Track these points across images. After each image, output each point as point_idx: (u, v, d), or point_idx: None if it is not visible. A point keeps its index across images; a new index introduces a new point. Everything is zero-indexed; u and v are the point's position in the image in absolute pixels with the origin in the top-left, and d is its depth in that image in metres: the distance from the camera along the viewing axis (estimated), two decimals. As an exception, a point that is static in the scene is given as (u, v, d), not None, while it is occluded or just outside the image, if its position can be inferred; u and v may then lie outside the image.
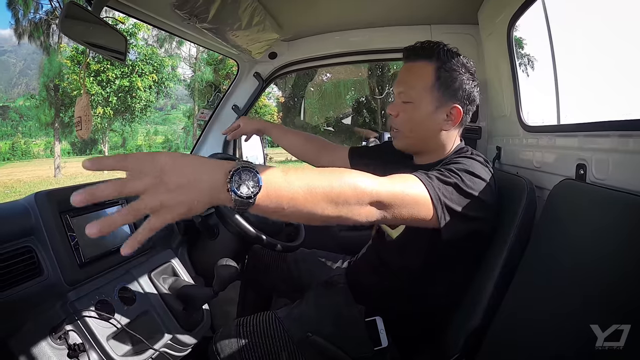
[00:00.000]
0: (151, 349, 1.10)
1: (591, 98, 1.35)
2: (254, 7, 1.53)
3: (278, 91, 26.85)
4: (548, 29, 1.34)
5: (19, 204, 1.06)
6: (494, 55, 1.66)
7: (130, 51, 20.60)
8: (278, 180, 0.68)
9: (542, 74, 1.49)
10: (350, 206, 0.75)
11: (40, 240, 1.03)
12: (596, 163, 0.97)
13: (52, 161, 23.27)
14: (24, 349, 0.92)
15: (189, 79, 28.20)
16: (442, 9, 1.79)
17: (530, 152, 1.37)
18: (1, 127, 66.72)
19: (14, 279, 0.94)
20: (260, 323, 1.21)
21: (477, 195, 0.95)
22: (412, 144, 1.18)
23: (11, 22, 22.02)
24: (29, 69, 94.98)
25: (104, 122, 21.61)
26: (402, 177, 0.90)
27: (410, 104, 1.12)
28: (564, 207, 0.96)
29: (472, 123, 1.87)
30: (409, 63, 1.16)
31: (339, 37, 2.04)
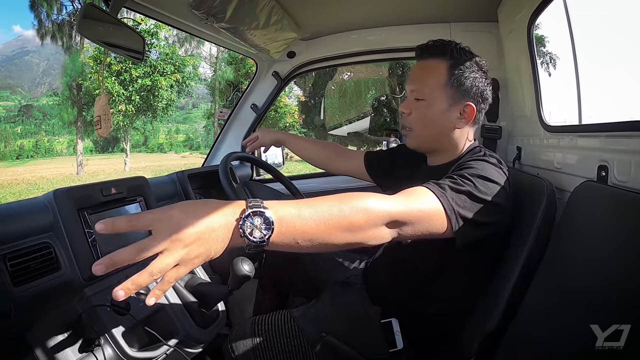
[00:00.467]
0: (165, 345, 1.11)
1: (616, 97, 1.32)
2: (272, 6, 1.54)
3: (298, 90, 26.99)
4: (569, 25, 1.32)
5: (38, 201, 1.08)
6: (514, 53, 1.64)
7: (151, 51, 21.05)
8: (290, 216, 0.69)
9: (565, 72, 1.46)
10: (364, 231, 0.76)
11: (59, 236, 1.05)
12: (618, 164, 0.95)
13: (74, 159, 23.95)
14: (41, 343, 0.94)
15: (209, 78, 28.60)
16: (461, 7, 1.78)
17: (551, 152, 1.35)
18: (25, 126, 68.97)
19: (32, 274, 0.95)
20: (275, 322, 1.21)
21: (491, 200, 0.93)
22: (425, 142, 1.18)
23: (34, 23, 22.73)
24: (52, 68, 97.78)
25: (126, 120, 22.02)
26: (415, 192, 0.89)
27: (424, 101, 1.12)
28: (584, 210, 0.94)
29: (492, 123, 1.87)
30: (422, 61, 1.16)
31: (357, 35, 2.05)
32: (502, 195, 0.96)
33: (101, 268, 0.58)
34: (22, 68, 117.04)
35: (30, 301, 0.94)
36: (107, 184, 1.20)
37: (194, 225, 0.61)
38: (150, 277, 0.59)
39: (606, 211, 0.87)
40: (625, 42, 1.24)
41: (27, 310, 0.94)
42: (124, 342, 1.03)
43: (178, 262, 0.61)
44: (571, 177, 1.17)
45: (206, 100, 37.52)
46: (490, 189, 0.94)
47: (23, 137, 64.57)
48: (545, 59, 1.57)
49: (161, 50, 21.94)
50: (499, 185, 0.96)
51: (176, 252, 0.60)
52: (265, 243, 0.66)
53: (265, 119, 2.34)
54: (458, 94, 1.09)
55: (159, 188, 1.50)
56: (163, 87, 21.40)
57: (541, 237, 1.00)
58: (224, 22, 1.42)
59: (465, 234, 0.90)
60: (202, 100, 44.43)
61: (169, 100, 22.12)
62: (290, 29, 1.79)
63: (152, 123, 24.42)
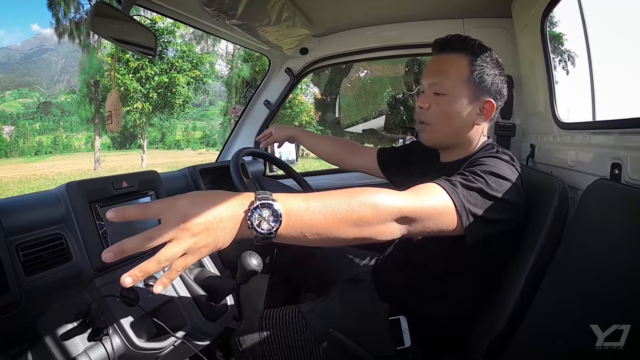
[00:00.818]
0: (173, 337, 1.13)
1: (634, 93, 1.28)
2: (283, 3, 1.54)
3: (315, 88, 26.98)
4: (582, 20, 1.29)
5: (51, 194, 1.11)
6: (528, 49, 1.62)
7: (168, 48, 21.28)
8: (298, 209, 0.69)
9: (580, 68, 1.43)
10: (372, 226, 0.75)
11: (70, 228, 1.08)
12: (631, 162, 0.93)
13: (92, 155, 24.37)
14: (50, 331, 0.97)
15: (226, 75, 28.79)
16: (475, 2, 1.75)
17: (564, 150, 1.33)
18: (43, 122, 70.55)
19: (44, 264, 0.98)
20: (283, 316, 1.22)
21: (502, 197, 0.92)
22: (443, 137, 1.16)
23: (52, 21, 23.13)
24: (70, 66, 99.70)
25: (143, 117, 22.31)
26: (425, 188, 0.88)
27: (445, 96, 1.10)
28: (597, 208, 0.92)
29: (505, 120, 1.85)
30: (443, 55, 1.13)
31: (370, 32, 2.04)
32: (514, 193, 0.95)
33: (110, 255, 0.60)
34: (40, 66, 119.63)
35: (42, 290, 0.96)
36: (118, 177, 1.22)
37: (202, 215, 0.62)
38: (158, 265, 0.60)
39: (619, 210, 0.85)
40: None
41: (38, 299, 0.96)
42: (132, 333, 1.05)
43: (185, 251, 0.61)
44: (584, 175, 1.15)
45: (223, 98, 37.77)
46: (502, 186, 0.93)
47: (41, 133, 66.11)
48: (563, 55, 1.54)
49: (178, 48, 22.18)
50: (510, 182, 0.95)
51: (184, 241, 0.61)
52: (272, 235, 0.66)
53: (278, 115, 2.35)
54: (479, 90, 1.08)
55: (170, 182, 1.52)
56: (180, 84, 21.65)
57: (553, 236, 0.99)
58: (235, 18, 1.43)
59: (476, 231, 0.89)
60: (218, 97, 44.80)
61: (185, 97, 22.36)
62: (302, 26, 1.79)
63: (169, 120, 24.70)
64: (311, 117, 27.08)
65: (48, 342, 0.96)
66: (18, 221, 0.98)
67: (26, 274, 0.94)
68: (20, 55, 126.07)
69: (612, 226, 0.84)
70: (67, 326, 0.99)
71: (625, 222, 0.80)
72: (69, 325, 1.00)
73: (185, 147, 53.08)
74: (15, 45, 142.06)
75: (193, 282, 1.30)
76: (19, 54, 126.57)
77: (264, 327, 1.20)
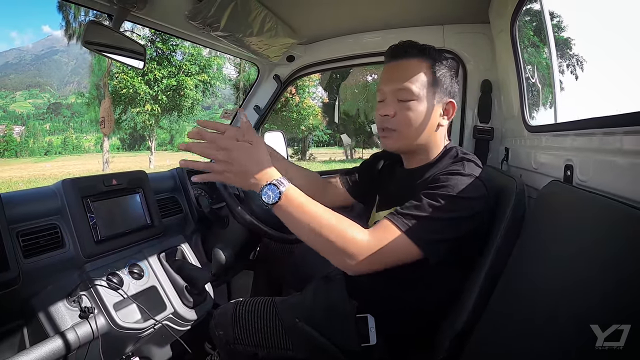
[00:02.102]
0: (152, 319, 1.25)
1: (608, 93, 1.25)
2: (264, 14, 1.64)
3: (323, 92, 27.01)
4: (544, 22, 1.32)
5: (49, 189, 1.26)
6: (503, 53, 1.64)
7: (177, 52, 21.42)
8: (295, 201, 0.96)
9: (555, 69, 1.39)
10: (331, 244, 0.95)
11: (64, 219, 1.22)
12: (580, 163, 0.95)
13: (101, 156, 24.50)
14: (44, 308, 1.10)
15: (234, 78, 28.90)
16: (454, 8, 1.78)
17: (531, 152, 1.35)
18: (54, 123, 71.06)
19: (40, 249, 1.13)
20: (256, 305, 1.30)
21: (464, 215, 0.98)
22: (410, 142, 1.15)
23: (62, 23, 23.43)
24: (80, 67, 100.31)
25: (152, 119, 22.44)
26: (381, 228, 0.98)
27: (412, 101, 1.11)
28: (548, 210, 0.95)
29: (484, 124, 1.89)
30: (402, 61, 1.14)
31: (353, 39, 2.10)
32: (476, 206, 1.00)
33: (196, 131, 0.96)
34: (51, 67, 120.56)
35: (37, 272, 1.10)
36: (109, 176, 1.36)
37: (243, 165, 0.95)
38: (213, 150, 0.95)
39: (567, 211, 0.87)
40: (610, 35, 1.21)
41: (34, 279, 1.10)
42: (115, 313, 1.17)
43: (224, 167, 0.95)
44: (544, 177, 1.17)
45: (231, 101, 37.87)
46: (464, 205, 0.98)
47: (51, 133, 66.72)
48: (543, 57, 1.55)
49: (186, 51, 22.32)
50: (470, 199, 0.99)
51: (224, 165, 0.95)
52: (269, 206, 0.95)
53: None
54: (441, 92, 1.12)
55: (158, 182, 1.64)
56: (188, 87, 21.74)
57: (509, 236, 1.01)
58: (219, 30, 1.52)
59: (438, 253, 0.97)
60: (228, 100, 44.88)
61: (194, 99, 22.43)
62: (285, 35, 1.87)
63: (178, 122, 24.77)
64: (319, 120, 27.11)
65: (41, 318, 1.09)
66: (19, 211, 1.12)
67: (24, 257, 1.08)
68: (31, 56, 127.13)
69: (562, 228, 0.86)
70: (58, 304, 1.12)
71: (574, 223, 0.83)
72: (60, 304, 1.12)
73: (195, 149, 53.03)
74: (26, 46, 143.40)
75: (174, 272, 1.42)
76: (30, 55, 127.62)
77: (238, 313, 1.28)
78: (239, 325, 1.26)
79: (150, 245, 1.44)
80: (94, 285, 1.18)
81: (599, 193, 0.82)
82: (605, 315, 0.59)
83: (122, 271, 1.27)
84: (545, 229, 0.92)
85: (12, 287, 1.01)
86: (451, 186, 0.99)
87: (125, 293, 1.22)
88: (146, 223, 1.44)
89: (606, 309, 0.61)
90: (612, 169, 0.82)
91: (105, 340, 1.13)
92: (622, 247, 0.64)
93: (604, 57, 1.29)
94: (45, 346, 1.00)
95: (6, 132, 60.88)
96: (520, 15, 1.40)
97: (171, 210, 1.64)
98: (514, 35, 1.45)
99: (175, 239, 1.55)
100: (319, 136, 35.30)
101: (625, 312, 0.58)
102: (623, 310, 0.58)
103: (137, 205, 1.43)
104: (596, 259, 0.69)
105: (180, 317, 1.36)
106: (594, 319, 0.60)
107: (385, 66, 1.19)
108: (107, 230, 1.28)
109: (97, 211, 1.27)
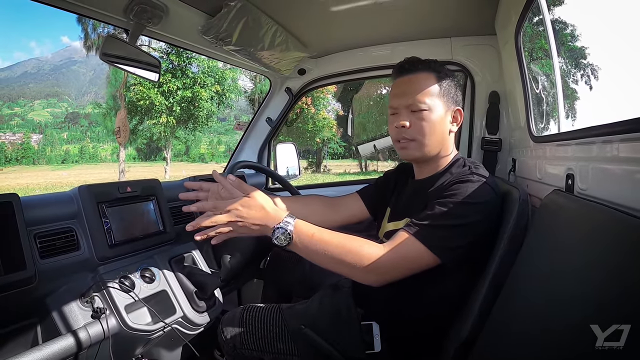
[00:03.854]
0: (162, 322, 1.28)
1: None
2: (275, 29, 1.69)
3: (337, 104, 27.06)
4: (546, 30, 1.31)
5: (66, 194, 1.32)
6: (509, 64, 1.66)
7: (192, 64, 21.73)
8: (305, 237, 1.07)
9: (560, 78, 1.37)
10: (353, 271, 1.05)
11: (80, 223, 1.27)
12: (580, 172, 0.96)
13: (117, 165, 24.82)
14: (58, 307, 1.15)
15: (250, 91, 29.15)
16: (461, 21, 1.81)
17: (535, 162, 1.36)
18: (71, 132, 72.40)
19: (56, 251, 1.18)
20: (264, 311, 1.32)
21: (476, 220, 1.03)
22: (429, 150, 1.19)
23: (81, 35, 23.99)
24: (98, 78, 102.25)
25: (167, 130, 22.69)
26: (398, 239, 1.05)
27: (425, 111, 1.16)
28: (550, 219, 0.96)
29: (492, 135, 1.90)
30: (409, 76, 1.20)
31: (363, 53, 2.15)
32: (487, 209, 1.06)
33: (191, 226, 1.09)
34: (69, 77, 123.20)
35: (52, 272, 1.15)
36: (124, 183, 1.41)
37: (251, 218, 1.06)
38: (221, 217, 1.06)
39: (568, 220, 0.88)
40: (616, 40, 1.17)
41: (49, 279, 1.15)
42: (126, 314, 1.21)
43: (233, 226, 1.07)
44: (547, 186, 1.18)
45: (247, 113, 38.19)
46: (476, 210, 1.04)
47: (69, 142, 68.03)
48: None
49: (202, 64, 22.61)
50: (483, 203, 1.05)
51: (234, 224, 1.07)
52: (284, 246, 1.06)
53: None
54: (448, 101, 1.18)
55: (172, 191, 1.67)
56: (203, 99, 21.98)
57: (512, 245, 1.03)
58: (232, 44, 1.58)
59: (453, 258, 1.03)
60: (243, 112, 45.33)
61: (209, 111, 22.65)
62: (296, 49, 1.93)
63: (194, 133, 24.98)
64: (333, 133, 27.16)
65: (54, 316, 1.14)
66: (38, 215, 1.18)
67: (41, 258, 1.13)
68: (50, 66, 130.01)
69: (562, 237, 0.87)
70: (71, 304, 1.17)
71: (574, 232, 0.83)
72: (73, 303, 1.17)
73: (210, 161, 53.24)
74: (45, 56, 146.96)
75: (185, 277, 1.46)
76: (48, 65, 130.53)
77: (245, 318, 1.30)
78: (245, 330, 1.29)
79: (162, 251, 1.48)
80: (106, 287, 1.22)
81: (598, 201, 0.83)
82: (606, 318, 0.60)
83: (134, 275, 1.32)
84: (547, 238, 0.93)
85: (28, 286, 1.06)
86: (461, 193, 1.05)
87: (136, 296, 1.26)
88: (159, 229, 1.48)
89: (607, 315, 0.61)
90: (609, 177, 0.83)
91: (115, 341, 1.17)
92: (622, 256, 0.65)
93: (610, 64, 1.25)
94: (57, 343, 1.04)
95: (24, 139, 62.39)
96: (524, 27, 1.42)
97: (183, 217, 1.67)
98: (519, 45, 1.46)
99: (186, 246, 1.59)
100: (333, 148, 35.35)
101: (625, 312, 0.59)
102: (622, 312, 0.59)
103: (150, 212, 1.48)
104: (597, 267, 0.69)
105: (189, 322, 1.39)
106: (594, 322, 0.61)
107: (394, 82, 1.25)
108: (121, 235, 1.33)
109: (111, 216, 1.32)
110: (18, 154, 58.25)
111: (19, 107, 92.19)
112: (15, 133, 70.38)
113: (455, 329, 1.09)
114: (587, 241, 0.77)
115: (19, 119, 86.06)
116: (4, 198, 1.07)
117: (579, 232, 0.81)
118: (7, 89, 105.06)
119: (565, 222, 0.89)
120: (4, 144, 60.07)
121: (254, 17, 1.55)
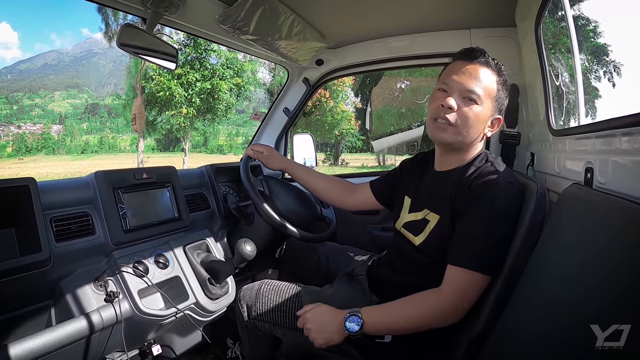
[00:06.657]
0: (174, 308, 1.30)
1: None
2: (292, 19, 1.68)
3: (355, 97, 26.93)
4: (567, 22, 1.29)
5: (82, 180, 1.33)
6: (528, 57, 1.63)
7: (211, 56, 21.79)
8: (376, 317, 1.10)
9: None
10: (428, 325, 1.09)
11: (96, 208, 1.29)
12: (600, 166, 0.94)
13: (136, 156, 25.12)
14: (72, 290, 1.17)
15: (269, 83, 29.18)
16: (481, 12, 1.78)
17: (554, 156, 1.34)
18: (91, 123, 73.69)
19: (72, 234, 1.20)
20: (282, 286, 1.37)
21: (510, 223, 1.07)
22: (461, 141, 1.18)
23: (101, 26, 24.09)
24: (117, 70, 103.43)
25: (186, 121, 22.85)
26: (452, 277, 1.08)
27: (475, 104, 1.15)
28: (568, 213, 0.94)
29: (510, 129, 1.85)
30: (477, 65, 1.17)
31: (381, 43, 2.12)
32: (515, 213, 1.08)
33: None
34: (89, 68, 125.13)
35: (67, 255, 1.17)
36: (140, 169, 1.43)
37: (320, 325, 1.15)
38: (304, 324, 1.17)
39: (587, 214, 0.86)
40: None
41: (64, 262, 1.17)
42: (138, 299, 1.23)
43: (311, 333, 1.14)
44: (566, 180, 1.15)
45: (265, 105, 38.30)
46: (507, 215, 1.07)
47: (88, 133, 69.20)
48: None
49: (221, 55, 22.67)
50: (511, 205, 1.08)
51: (310, 330, 1.15)
52: (358, 334, 1.09)
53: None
54: (496, 107, 1.18)
55: (188, 179, 1.71)
56: (222, 91, 22.04)
57: (528, 240, 1.02)
58: (249, 34, 1.58)
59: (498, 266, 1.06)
60: (262, 104, 45.51)
61: (228, 103, 22.71)
62: (314, 39, 1.91)
63: (213, 125, 25.09)
64: (352, 125, 27.06)
65: (68, 299, 1.16)
66: (55, 199, 1.20)
67: (56, 241, 1.15)
68: (70, 58, 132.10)
69: (580, 231, 0.85)
70: (85, 288, 1.19)
71: (594, 226, 0.81)
72: (87, 287, 1.19)
73: (228, 152, 53.32)
74: (65, 48, 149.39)
75: (198, 264, 1.47)
76: (68, 57, 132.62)
77: (263, 290, 1.35)
78: (261, 301, 1.33)
79: (177, 238, 1.49)
80: (120, 271, 1.24)
81: (617, 195, 0.81)
82: (622, 315, 0.60)
83: (148, 260, 1.33)
84: (564, 232, 0.91)
85: (43, 268, 1.08)
86: (492, 202, 1.07)
87: (150, 281, 1.27)
88: (174, 216, 1.49)
89: (623, 310, 0.61)
90: (630, 170, 0.82)
91: (127, 325, 1.19)
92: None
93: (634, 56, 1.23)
94: (70, 325, 1.06)
95: (44, 130, 63.67)
96: (545, 17, 1.39)
97: (199, 205, 1.69)
98: (539, 37, 1.43)
99: (201, 233, 1.60)
100: (352, 142, 35.23)
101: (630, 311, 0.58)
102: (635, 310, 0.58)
103: (165, 199, 1.49)
104: (617, 262, 0.68)
105: (201, 308, 1.40)
106: (609, 320, 0.60)
107: (457, 62, 1.21)
108: (136, 221, 1.35)
109: (127, 202, 1.33)
110: (38, 144, 59.52)
111: (39, 98, 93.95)
112: (35, 123, 71.79)
113: (468, 323, 1.08)
114: (605, 235, 0.75)
115: (39, 110, 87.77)
116: (21, 182, 1.09)
117: (598, 226, 0.80)
118: (28, 80, 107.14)
119: (583, 216, 0.87)
120: (24, 134, 61.37)
121: (271, 6, 1.54)
